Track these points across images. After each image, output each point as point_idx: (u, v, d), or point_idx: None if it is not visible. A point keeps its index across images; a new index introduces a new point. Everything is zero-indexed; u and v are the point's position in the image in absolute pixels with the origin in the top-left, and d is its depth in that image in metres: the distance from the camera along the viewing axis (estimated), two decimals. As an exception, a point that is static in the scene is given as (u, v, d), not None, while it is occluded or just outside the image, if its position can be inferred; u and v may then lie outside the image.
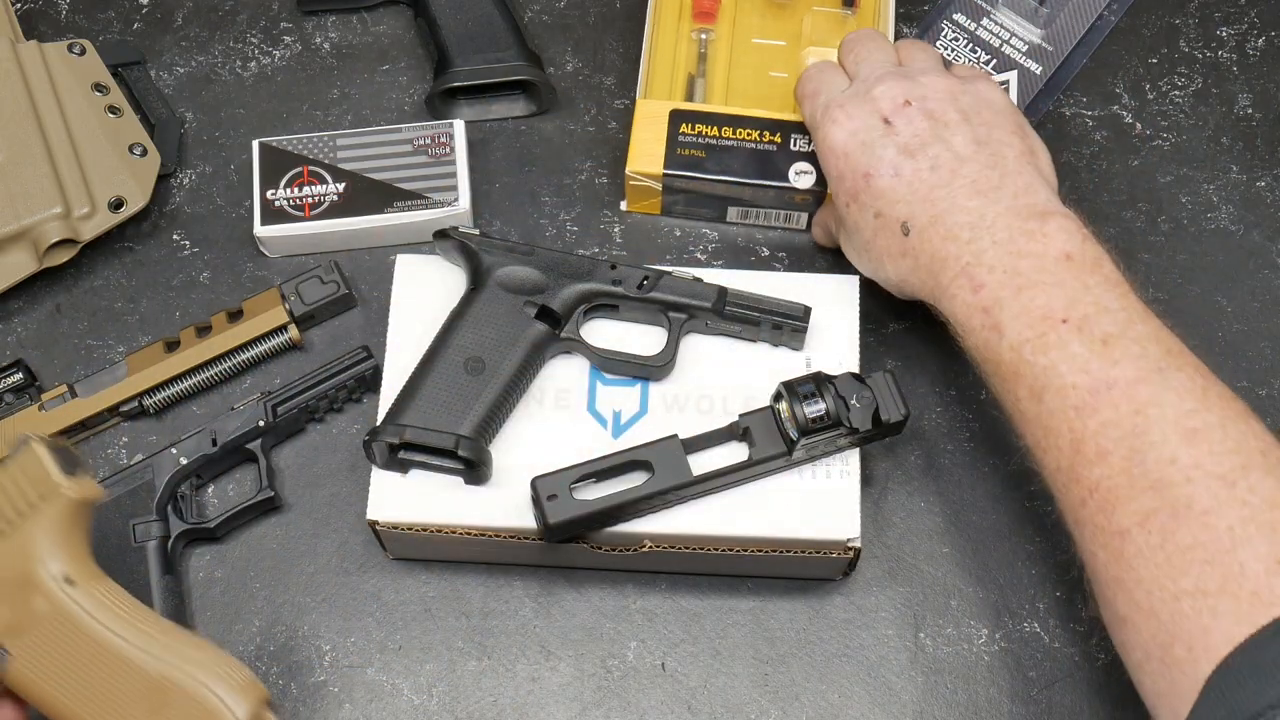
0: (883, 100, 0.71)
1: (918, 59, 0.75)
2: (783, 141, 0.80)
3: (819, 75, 0.76)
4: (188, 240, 0.86)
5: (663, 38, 0.87)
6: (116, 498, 0.76)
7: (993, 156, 0.69)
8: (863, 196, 0.71)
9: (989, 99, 0.72)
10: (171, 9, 0.93)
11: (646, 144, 0.81)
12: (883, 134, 0.70)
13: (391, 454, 0.72)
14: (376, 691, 0.75)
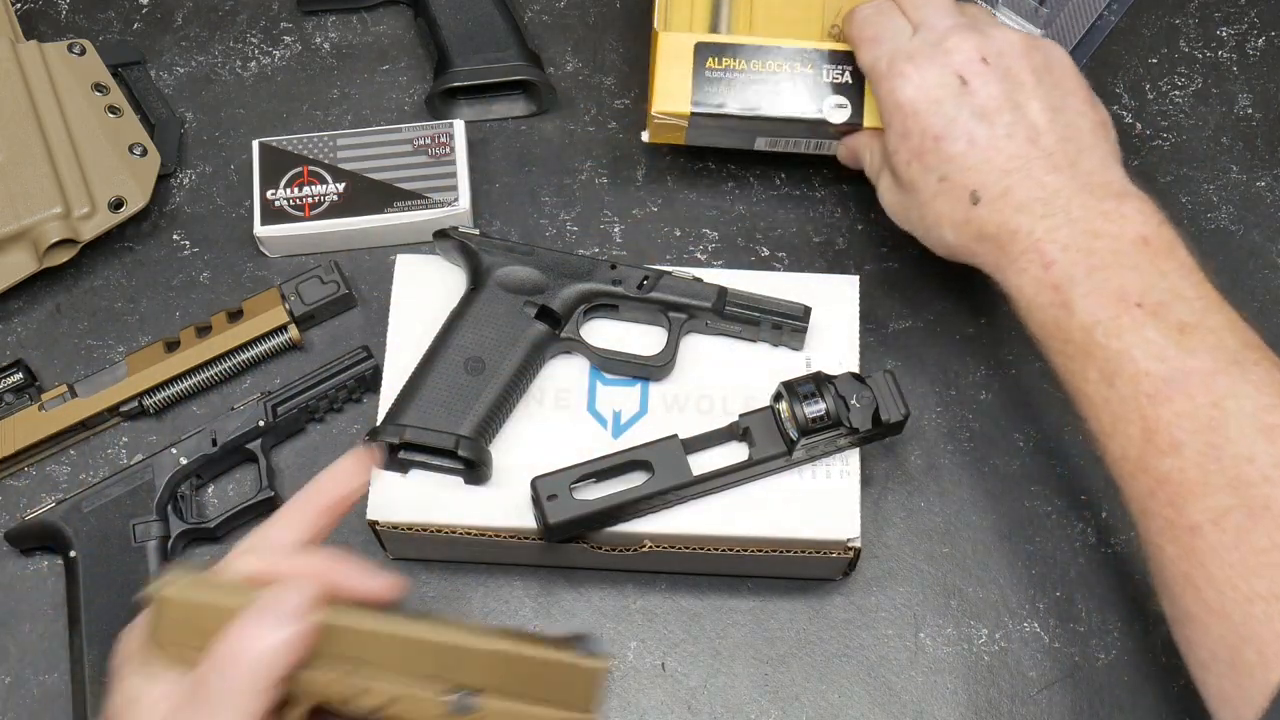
0: (957, 55, 0.67)
1: (972, 7, 0.72)
2: (815, 72, 0.76)
3: (878, 18, 0.72)
4: (188, 240, 0.86)
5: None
6: (116, 498, 0.76)
7: (1068, 128, 0.67)
8: (929, 158, 0.68)
9: (1060, 61, 0.70)
10: (171, 9, 0.93)
11: (671, 80, 0.76)
12: (957, 94, 0.67)
13: (391, 454, 0.72)
14: (376, 691, 0.75)
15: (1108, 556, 0.78)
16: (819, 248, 0.85)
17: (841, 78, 0.76)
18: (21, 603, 0.77)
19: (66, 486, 0.80)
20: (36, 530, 0.76)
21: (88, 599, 0.74)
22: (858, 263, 0.85)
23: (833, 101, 0.76)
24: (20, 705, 0.75)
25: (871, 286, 0.84)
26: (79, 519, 0.76)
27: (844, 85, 0.76)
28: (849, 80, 0.75)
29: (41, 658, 0.76)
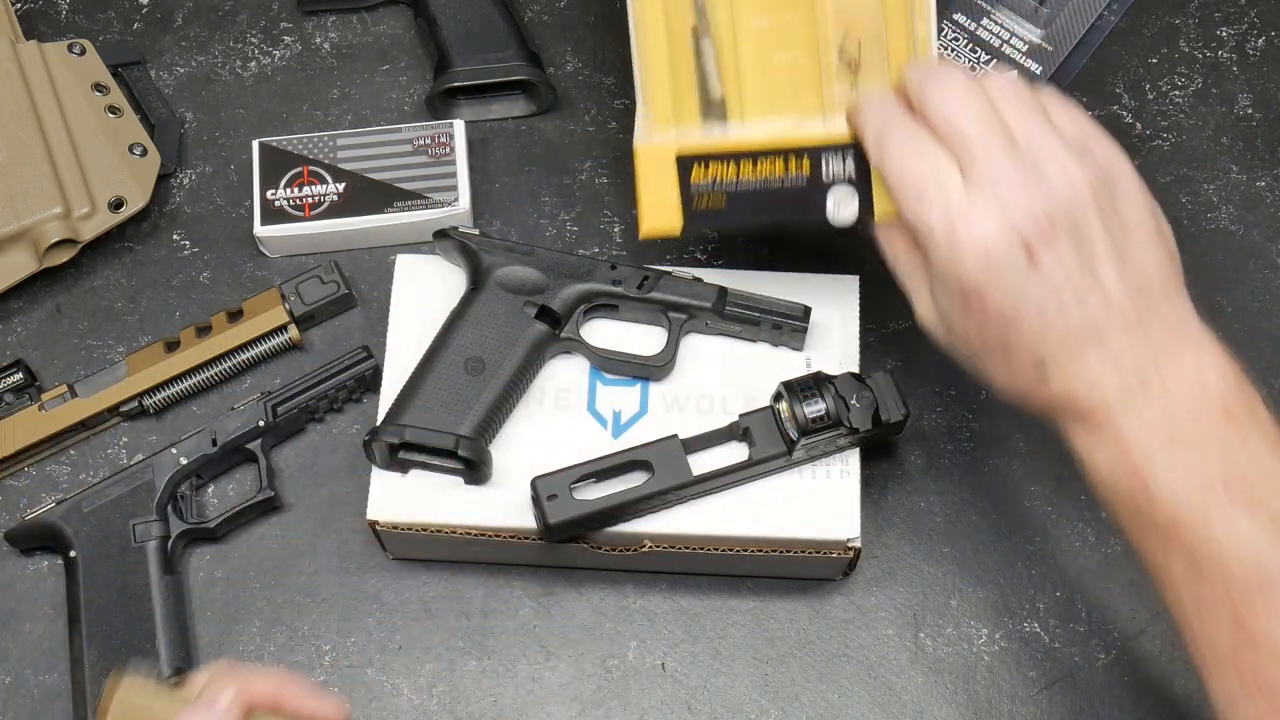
0: (1022, 220, 0.59)
1: (1022, 111, 0.62)
2: (813, 170, 0.67)
3: (920, 160, 0.61)
4: (188, 240, 0.86)
5: (651, 35, 0.70)
6: (116, 498, 0.76)
7: (1138, 278, 0.60)
8: (991, 330, 0.61)
9: (1126, 190, 0.62)
10: (171, 9, 0.93)
11: (657, 198, 0.68)
12: (1026, 270, 0.59)
13: (391, 454, 0.72)
14: (376, 691, 0.75)
15: (1108, 556, 0.78)
16: (819, 248, 0.85)
17: (844, 171, 0.67)
18: (21, 603, 0.77)
19: (66, 486, 0.80)
20: (36, 530, 0.76)
21: (88, 599, 0.74)
22: (858, 263, 0.85)
23: (836, 198, 0.67)
24: (20, 705, 0.75)
25: (871, 286, 0.83)
26: (79, 519, 0.76)
27: (848, 179, 0.67)
28: (853, 173, 0.67)
29: (41, 658, 0.76)
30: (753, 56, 0.69)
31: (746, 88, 0.69)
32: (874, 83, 0.68)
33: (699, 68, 0.69)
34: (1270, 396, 0.82)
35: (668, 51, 0.69)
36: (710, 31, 0.68)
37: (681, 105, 0.69)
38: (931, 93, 0.61)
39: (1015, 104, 0.61)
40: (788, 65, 0.68)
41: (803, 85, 0.68)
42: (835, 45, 0.68)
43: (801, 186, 0.67)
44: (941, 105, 0.61)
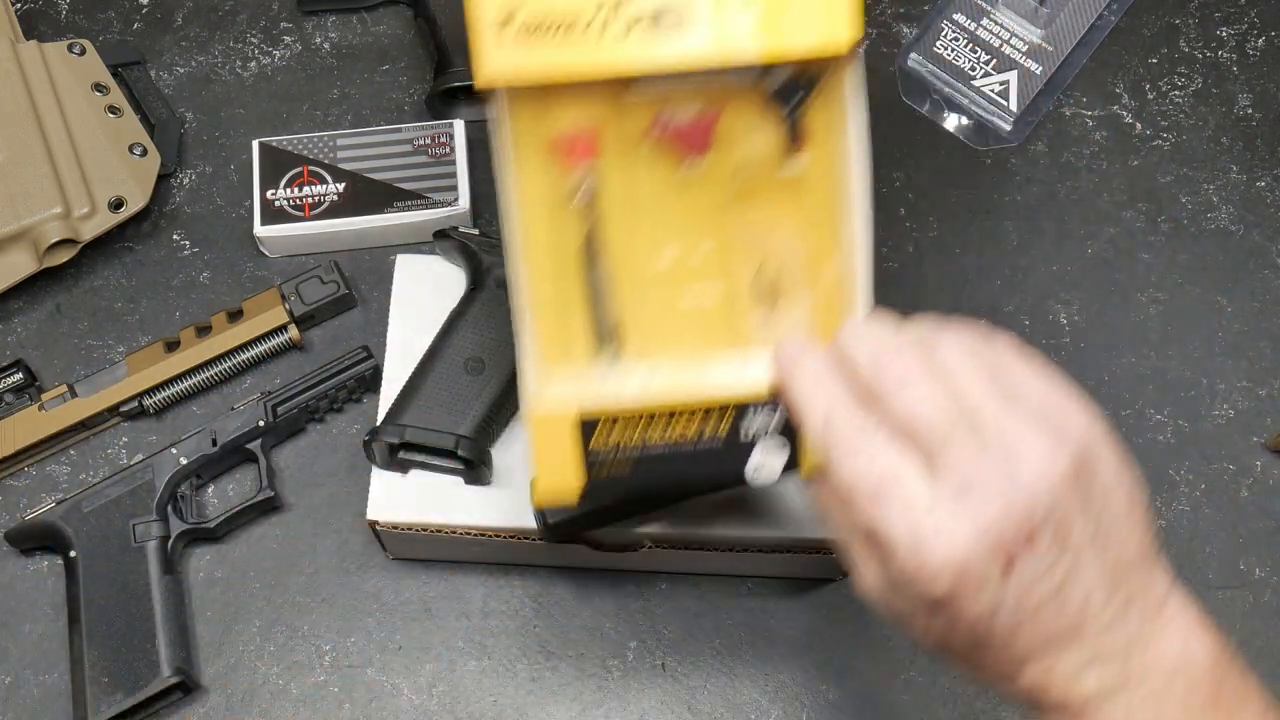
0: (998, 527, 0.51)
1: (984, 385, 0.53)
2: (731, 432, 0.58)
3: (875, 458, 0.52)
4: (188, 240, 0.86)
5: (537, 261, 0.59)
6: (116, 498, 0.76)
7: (1117, 567, 0.54)
8: (959, 634, 0.53)
9: (1100, 459, 0.54)
10: (171, 9, 0.93)
11: (554, 467, 0.58)
12: (1001, 579, 0.51)
13: (391, 454, 0.72)
14: (376, 691, 0.75)
15: (1108, 556, 0.78)
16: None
17: (767, 427, 0.58)
18: (21, 603, 0.77)
19: (66, 486, 0.80)
20: (37, 530, 0.76)
21: (88, 599, 0.74)
22: (858, 263, 0.85)
23: (756, 462, 0.58)
24: (20, 705, 0.75)
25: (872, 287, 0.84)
26: (79, 519, 0.76)
27: (768, 439, 0.58)
28: (776, 431, 0.58)
29: (41, 658, 0.76)
30: (655, 286, 0.60)
31: (648, 321, 0.60)
32: (794, 316, 0.60)
33: (590, 293, 0.60)
34: (1270, 397, 0.82)
35: (553, 278, 0.59)
36: (604, 255, 0.59)
37: (572, 340, 0.60)
38: (886, 380, 0.53)
39: (976, 378, 0.53)
40: (695, 297, 0.60)
41: (713, 319, 0.60)
42: (750, 277, 0.60)
43: (717, 448, 0.58)
44: (898, 397, 0.52)
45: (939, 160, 0.88)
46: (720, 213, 0.59)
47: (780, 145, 0.58)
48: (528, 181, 0.58)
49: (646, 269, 0.59)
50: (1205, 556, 0.78)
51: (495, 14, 0.54)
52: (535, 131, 0.57)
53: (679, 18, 0.54)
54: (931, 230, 0.86)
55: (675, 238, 0.59)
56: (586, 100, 0.57)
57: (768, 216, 0.59)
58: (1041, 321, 0.84)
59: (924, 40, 0.89)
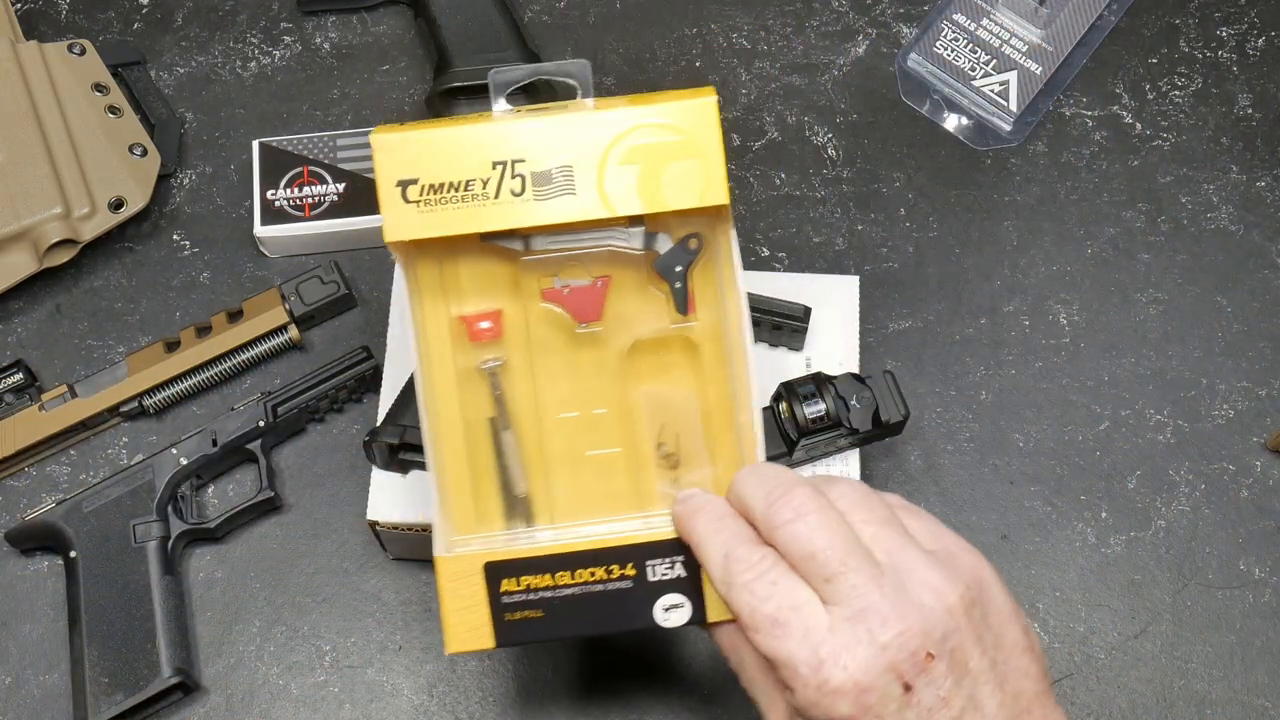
0: (895, 652, 0.52)
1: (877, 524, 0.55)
2: (638, 573, 0.59)
3: (774, 591, 0.54)
4: (188, 240, 0.86)
5: (446, 431, 0.62)
6: (117, 498, 0.76)
7: (1016, 701, 0.55)
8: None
9: (994, 600, 0.56)
10: (171, 9, 0.93)
11: (463, 615, 0.59)
12: (901, 704, 0.53)
13: (392, 454, 0.72)
14: (377, 691, 0.75)
15: (1108, 556, 0.78)
16: (819, 248, 0.85)
17: (671, 573, 0.60)
18: (21, 603, 0.77)
19: (66, 486, 0.80)
20: (37, 530, 0.76)
21: (88, 599, 0.74)
22: (858, 263, 0.85)
23: (665, 604, 0.60)
24: (20, 705, 0.75)
25: (871, 286, 0.84)
26: (79, 519, 0.76)
27: (676, 581, 0.60)
28: (681, 574, 0.59)
29: (41, 658, 0.76)
30: (561, 448, 0.63)
31: (556, 485, 0.63)
32: (696, 475, 0.63)
33: (499, 465, 0.63)
34: (1271, 397, 0.82)
35: (465, 448, 0.62)
36: (512, 419, 0.63)
37: (483, 506, 0.63)
38: (779, 515, 0.55)
39: (869, 516, 0.55)
40: (600, 462, 0.63)
41: (618, 482, 0.63)
42: (652, 440, 0.63)
43: (626, 590, 0.60)
44: (792, 528, 0.54)
45: (939, 160, 0.88)
46: (619, 380, 0.63)
47: (668, 313, 0.63)
48: (436, 351, 0.62)
49: (550, 437, 0.63)
50: (1205, 557, 0.78)
51: (398, 179, 0.59)
52: (442, 302, 0.63)
53: (567, 180, 0.59)
54: (931, 230, 0.86)
55: (577, 403, 0.63)
56: (487, 280, 0.63)
57: (663, 379, 0.63)
58: (1041, 321, 0.84)
59: (924, 40, 0.89)
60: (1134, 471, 0.80)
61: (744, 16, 0.93)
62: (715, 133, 0.59)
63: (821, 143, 0.89)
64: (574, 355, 0.63)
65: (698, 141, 0.59)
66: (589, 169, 0.60)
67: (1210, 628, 0.76)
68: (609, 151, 0.60)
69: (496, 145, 0.59)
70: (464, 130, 0.60)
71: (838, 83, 0.91)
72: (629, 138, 0.60)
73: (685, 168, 0.59)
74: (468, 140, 0.59)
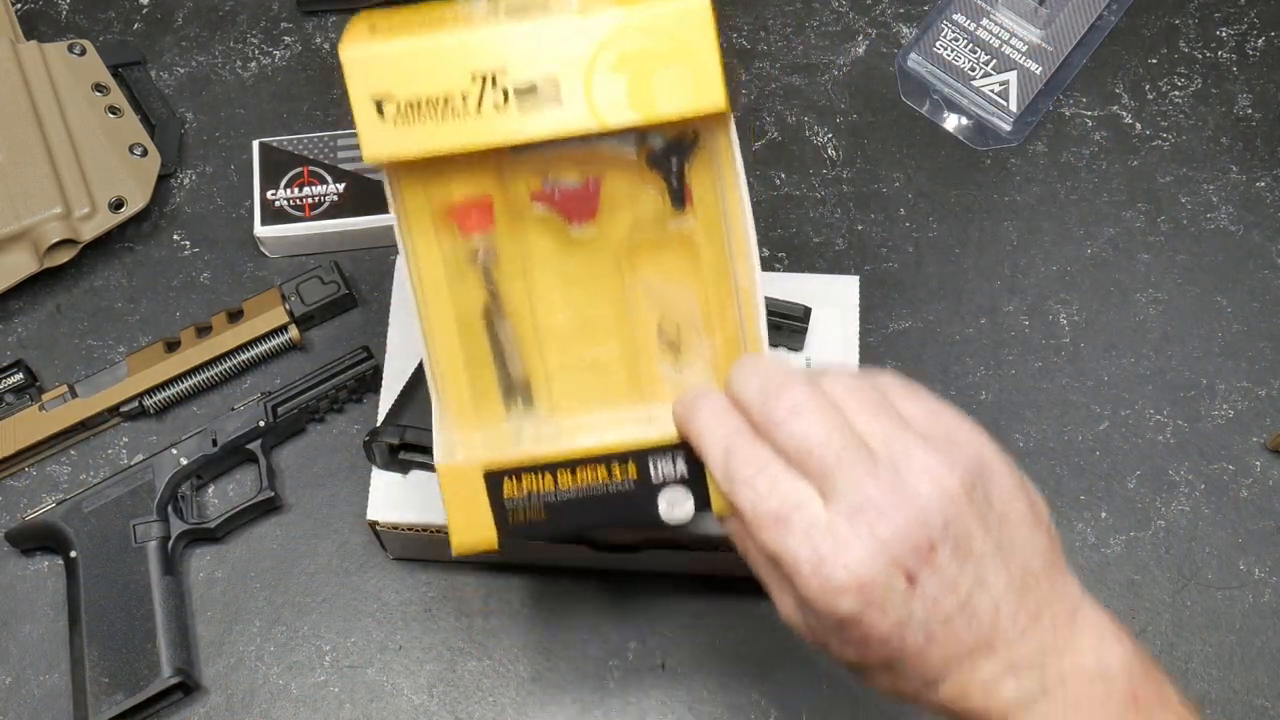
0: (896, 544, 0.52)
1: (871, 413, 0.55)
2: (641, 473, 0.59)
3: (774, 487, 0.54)
4: (188, 240, 0.86)
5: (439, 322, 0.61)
6: (117, 498, 0.76)
7: (1026, 575, 0.55)
8: (872, 652, 0.54)
9: (998, 480, 0.56)
10: (171, 9, 0.93)
11: (468, 518, 0.59)
12: (907, 594, 0.52)
13: (392, 454, 0.72)
14: (377, 692, 0.75)
15: (1108, 556, 0.78)
16: (819, 248, 0.85)
17: (674, 472, 0.59)
18: (21, 603, 0.77)
19: (67, 487, 0.80)
20: (37, 530, 0.76)
21: (88, 599, 0.74)
22: (858, 263, 0.85)
23: (669, 499, 0.59)
24: (20, 705, 0.75)
25: (871, 286, 0.84)
26: (79, 519, 0.76)
27: (679, 479, 0.59)
28: (684, 473, 0.59)
29: (41, 658, 0.76)
30: (558, 348, 0.61)
31: (554, 377, 0.62)
32: (698, 365, 0.62)
33: (496, 351, 0.61)
34: (1271, 397, 0.82)
35: (459, 338, 0.61)
36: (506, 313, 0.61)
37: (481, 396, 0.61)
38: (775, 412, 0.54)
39: (863, 406, 0.55)
40: (597, 361, 0.62)
41: (618, 373, 0.62)
42: (653, 328, 0.62)
43: (629, 490, 0.59)
44: (788, 426, 0.54)
45: (939, 160, 0.88)
46: (614, 275, 0.61)
47: (665, 208, 0.60)
48: (424, 249, 0.60)
49: (547, 331, 0.61)
50: (1205, 557, 0.78)
51: (371, 95, 0.55)
52: (428, 202, 0.59)
53: (553, 91, 0.56)
54: (931, 230, 0.86)
55: (571, 301, 0.61)
56: (472, 171, 0.59)
57: (661, 275, 0.61)
58: (1041, 321, 0.84)
59: (924, 40, 0.89)
60: (1134, 471, 0.80)
61: (744, 16, 0.93)
62: (710, 34, 0.55)
63: (821, 143, 0.89)
64: (567, 256, 0.61)
65: (691, 44, 0.55)
66: (575, 78, 0.55)
67: (1210, 628, 0.76)
68: (596, 58, 0.56)
69: (475, 55, 0.55)
70: (440, 40, 0.55)
71: (838, 83, 0.91)
72: (617, 42, 0.56)
73: (678, 72, 0.56)
74: (444, 51, 0.55)
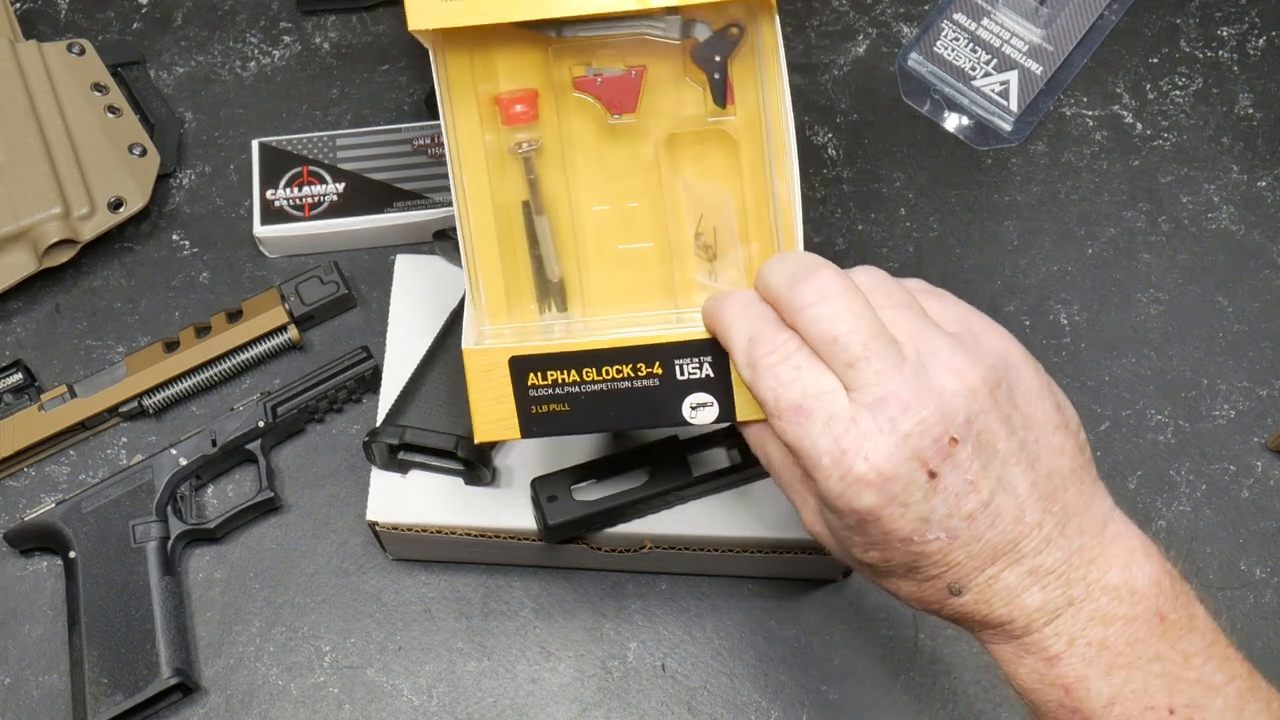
0: (918, 437, 0.51)
1: (898, 308, 0.55)
2: (666, 372, 0.58)
3: (797, 377, 0.52)
4: (187, 240, 0.86)
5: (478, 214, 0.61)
6: (116, 498, 0.76)
7: (1049, 478, 0.54)
8: (894, 553, 0.54)
9: (1021, 380, 0.54)
10: (171, 9, 0.93)
11: (490, 405, 0.59)
12: (929, 490, 0.51)
13: (391, 454, 0.72)
14: (376, 692, 0.75)
15: (1108, 557, 0.78)
16: (819, 248, 0.85)
17: (699, 372, 0.58)
18: (21, 603, 0.77)
19: (66, 487, 0.80)
20: (36, 531, 0.76)
21: (88, 599, 0.74)
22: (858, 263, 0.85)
23: (693, 402, 0.58)
24: (20, 705, 0.75)
25: (872, 286, 0.84)
26: (79, 520, 0.76)
27: (704, 380, 0.58)
28: (709, 374, 0.58)
29: (41, 658, 0.76)
30: (594, 241, 0.61)
31: (588, 277, 0.62)
32: (732, 272, 0.62)
33: (533, 249, 0.62)
34: (1271, 397, 0.82)
35: (496, 229, 0.61)
36: (545, 209, 0.61)
37: (515, 291, 0.62)
38: (803, 297, 0.53)
39: (891, 299, 0.55)
40: (632, 255, 0.61)
41: (650, 275, 0.62)
42: (690, 230, 0.61)
43: (654, 387, 0.59)
44: (815, 311, 0.53)
45: (939, 160, 0.88)
46: (653, 170, 0.60)
47: (707, 104, 0.60)
48: (467, 137, 0.60)
49: (584, 222, 0.61)
50: (1206, 557, 0.78)
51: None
52: (473, 89, 0.59)
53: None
54: (931, 230, 0.86)
55: (610, 193, 0.61)
56: (518, 58, 0.59)
57: (700, 174, 0.61)
58: (1041, 321, 0.84)
59: (924, 40, 0.89)
60: (1135, 472, 0.80)
61: (744, 16, 0.93)
62: None
63: (821, 143, 0.89)
64: (607, 147, 0.60)
65: None
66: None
67: (1211, 628, 0.76)
68: None
69: None
70: None
71: (838, 83, 0.91)
72: None
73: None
74: None
